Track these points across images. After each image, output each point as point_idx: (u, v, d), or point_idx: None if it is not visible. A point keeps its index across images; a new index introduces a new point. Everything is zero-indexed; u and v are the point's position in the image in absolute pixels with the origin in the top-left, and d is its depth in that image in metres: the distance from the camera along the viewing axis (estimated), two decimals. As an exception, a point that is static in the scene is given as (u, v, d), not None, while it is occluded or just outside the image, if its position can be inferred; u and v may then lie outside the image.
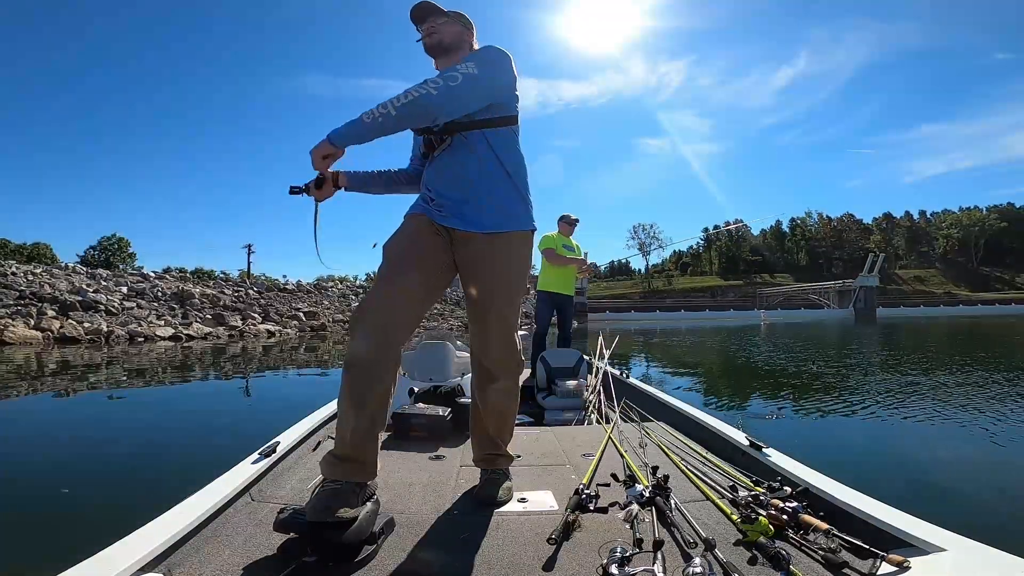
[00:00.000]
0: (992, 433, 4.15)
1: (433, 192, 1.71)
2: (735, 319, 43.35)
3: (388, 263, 1.64)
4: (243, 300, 25.47)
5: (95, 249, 61.69)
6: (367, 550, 1.35)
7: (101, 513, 2.54)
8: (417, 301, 1.62)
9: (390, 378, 1.56)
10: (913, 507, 1.44)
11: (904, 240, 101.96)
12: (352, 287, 39.27)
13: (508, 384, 1.80)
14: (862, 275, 54.29)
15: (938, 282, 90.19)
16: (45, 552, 2.10)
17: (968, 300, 69.61)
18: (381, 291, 1.59)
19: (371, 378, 1.50)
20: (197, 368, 9.96)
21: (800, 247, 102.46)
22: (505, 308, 1.70)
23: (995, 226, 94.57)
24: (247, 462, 1.89)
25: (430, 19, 1.78)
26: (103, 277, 22.78)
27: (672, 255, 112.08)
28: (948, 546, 1.22)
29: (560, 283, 5.00)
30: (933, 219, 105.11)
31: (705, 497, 1.76)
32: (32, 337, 14.89)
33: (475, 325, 1.76)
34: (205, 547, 1.40)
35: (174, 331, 18.46)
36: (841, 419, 4.92)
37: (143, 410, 5.43)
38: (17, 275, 19.65)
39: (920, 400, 5.57)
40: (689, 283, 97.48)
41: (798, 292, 68.97)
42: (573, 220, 5.13)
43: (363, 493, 1.44)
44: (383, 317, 1.52)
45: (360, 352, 1.49)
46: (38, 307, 16.95)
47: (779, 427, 4.65)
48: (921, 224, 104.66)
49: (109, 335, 16.55)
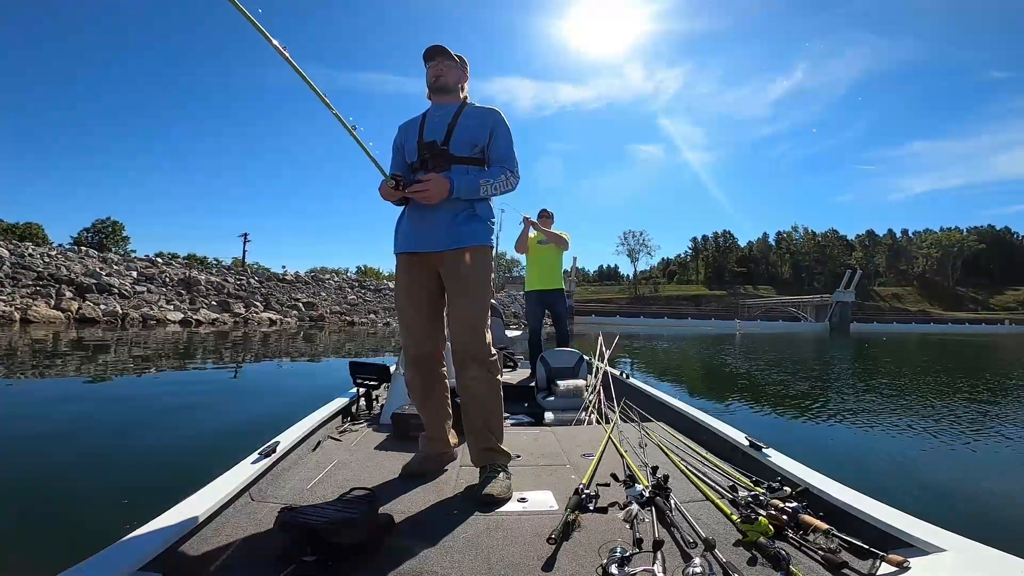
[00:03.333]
0: (991, 433, 4.23)
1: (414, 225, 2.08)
2: (714, 328, 44.36)
3: (398, 311, 2.18)
4: (245, 289, 26.50)
5: (89, 231, 62.03)
6: (367, 550, 1.37)
7: (101, 513, 2.55)
8: (430, 323, 2.11)
9: (435, 378, 2.18)
10: (913, 507, 1.45)
11: (885, 257, 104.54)
12: (348, 280, 40.25)
13: (482, 372, 1.98)
14: (839, 290, 55.99)
15: (914, 300, 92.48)
16: (45, 552, 2.13)
17: (940, 318, 71.94)
18: (404, 334, 2.14)
19: (423, 388, 2.16)
20: (204, 357, 10.11)
21: (785, 260, 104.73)
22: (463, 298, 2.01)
23: (973, 247, 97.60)
24: (247, 462, 1.91)
25: (439, 59, 2.13)
26: (114, 261, 23.71)
27: (660, 262, 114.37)
28: (948, 546, 1.23)
29: (542, 278, 4.82)
30: (914, 238, 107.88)
31: (705, 497, 1.76)
32: (55, 317, 15.96)
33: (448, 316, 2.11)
34: (205, 547, 1.41)
35: (183, 316, 19.54)
36: (841, 419, 4.89)
37: (144, 407, 5.44)
38: (35, 256, 20.55)
39: (920, 402, 5.59)
40: (675, 291, 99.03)
41: (778, 304, 70.76)
42: (539, 213, 4.91)
43: None
44: (412, 351, 2.11)
45: (409, 376, 2.19)
46: (56, 288, 17.96)
47: (779, 427, 4.67)
48: (902, 243, 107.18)
49: (124, 317, 17.65)
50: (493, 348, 2.02)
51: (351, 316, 27.38)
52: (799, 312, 63.47)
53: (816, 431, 4.59)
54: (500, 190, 2.04)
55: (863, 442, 4.26)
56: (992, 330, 54.54)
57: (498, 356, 2.07)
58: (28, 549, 2.18)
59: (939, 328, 56.33)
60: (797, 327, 52.92)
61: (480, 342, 1.95)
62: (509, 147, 2.09)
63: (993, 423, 4.70)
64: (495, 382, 2.01)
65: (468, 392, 2.00)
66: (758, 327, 49.25)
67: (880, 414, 5.11)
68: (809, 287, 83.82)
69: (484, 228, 2.05)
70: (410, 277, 2.07)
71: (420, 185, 1.90)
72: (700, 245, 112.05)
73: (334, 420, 2.91)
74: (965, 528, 1.30)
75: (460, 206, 2.00)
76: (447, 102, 2.14)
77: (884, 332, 47.28)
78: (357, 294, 33.98)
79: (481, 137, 2.05)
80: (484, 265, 2.03)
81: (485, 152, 2.08)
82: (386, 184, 1.95)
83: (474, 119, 2.08)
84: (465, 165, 2.02)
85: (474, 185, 1.96)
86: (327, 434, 2.65)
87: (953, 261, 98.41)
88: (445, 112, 2.10)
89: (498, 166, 2.06)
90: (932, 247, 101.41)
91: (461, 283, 1.98)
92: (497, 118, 2.09)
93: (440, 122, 2.07)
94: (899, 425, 4.62)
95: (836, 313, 54.52)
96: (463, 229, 1.99)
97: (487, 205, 2.10)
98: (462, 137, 2.03)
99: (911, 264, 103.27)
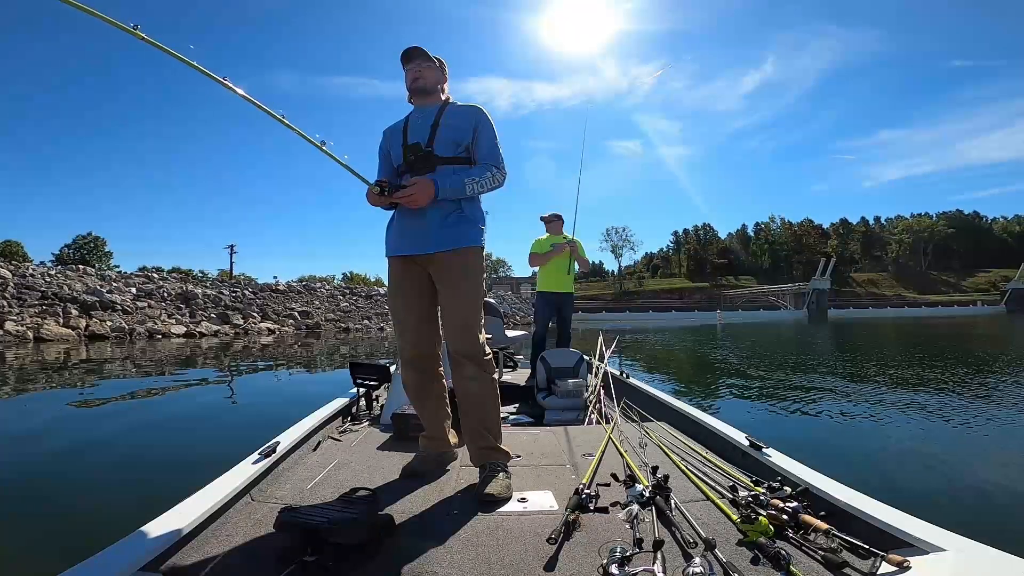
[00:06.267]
0: (992, 434, 4.23)
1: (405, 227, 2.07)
2: (697, 319, 45.19)
3: (392, 314, 2.18)
4: (241, 300, 27.04)
5: (70, 248, 61.25)
6: (367, 550, 1.38)
7: (101, 513, 2.55)
8: (424, 324, 2.12)
9: (432, 379, 2.20)
10: (913, 507, 1.45)
11: (859, 245, 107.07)
12: (339, 288, 40.80)
13: (477, 371, 1.99)
14: (815, 278, 58.12)
15: (889, 285, 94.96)
16: (46, 552, 2.14)
17: (914, 302, 74.25)
18: (398, 337, 2.15)
19: (420, 388, 2.18)
20: (207, 365, 10.40)
21: (764, 251, 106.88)
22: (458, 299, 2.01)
23: (943, 232, 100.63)
24: (247, 462, 1.91)
25: (417, 60, 2.11)
26: (113, 278, 24.15)
27: (643, 257, 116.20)
28: (948, 546, 1.24)
29: (554, 281, 4.92)
30: (887, 225, 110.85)
31: (705, 497, 1.76)
32: (67, 334, 16.54)
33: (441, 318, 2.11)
34: (205, 547, 1.41)
35: (186, 329, 20.16)
36: (841, 419, 4.93)
37: (146, 409, 5.49)
38: (36, 276, 20.99)
39: (920, 401, 5.60)
40: (659, 285, 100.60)
41: (759, 294, 72.92)
42: (549, 217, 5.07)
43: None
44: (407, 352, 2.12)
45: (406, 377, 2.18)
46: (63, 306, 18.48)
47: (779, 427, 4.70)
48: (876, 229, 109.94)
49: (131, 332, 18.24)
50: (488, 347, 2.04)
51: (346, 323, 28.09)
52: (779, 300, 65.42)
53: (816, 431, 4.61)
54: (486, 187, 2.05)
55: (863, 442, 4.24)
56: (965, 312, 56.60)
57: (494, 355, 2.10)
58: (28, 549, 2.20)
59: (913, 312, 58.22)
60: (777, 315, 54.21)
61: (474, 342, 1.98)
62: (493, 143, 2.09)
63: (992, 420, 4.70)
64: (491, 381, 2.03)
65: (464, 392, 2.02)
66: (739, 317, 50.61)
67: (880, 412, 5.14)
68: (788, 276, 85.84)
69: (474, 229, 2.06)
70: (402, 279, 2.09)
71: (405, 191, 1.91)
72: (682, 239, 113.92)
73: (334, 420, 2.94)
74: (965, 528, 1.30)
75: (449, 208, 2.01)
76: (428, 104, 2.14)
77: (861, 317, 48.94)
78: (349, 301, 34.62)
79: (465, 136, 2.06)
80: (475, 266, 2.05)
81: (470, 150, 2.08)
82: (371, 191, 1.96)
83: (457, 118, 2.08)
84: (451, 165, 2.03)
85: (459, 185, 1.97)
86: (327, 434, 2.67)
87: (925, 246, 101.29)
88: (427, 114, 2.10)
89: (483, 164, 2.06)
90: (904, 233, 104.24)
91: (453, 284, 2.00)
92: (480, 115, 2.09)
93: (423, 124, 2.08)
94: (899, 425, 4.60)
95: (813, 300, 56.43)
96: (453, 231, 2.00)
97: (477, 206, 2.11)
98: (446, 137, 2.04)
99: (885, 250, 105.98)
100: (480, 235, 2.09)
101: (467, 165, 2.07)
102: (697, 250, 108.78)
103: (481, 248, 2.10)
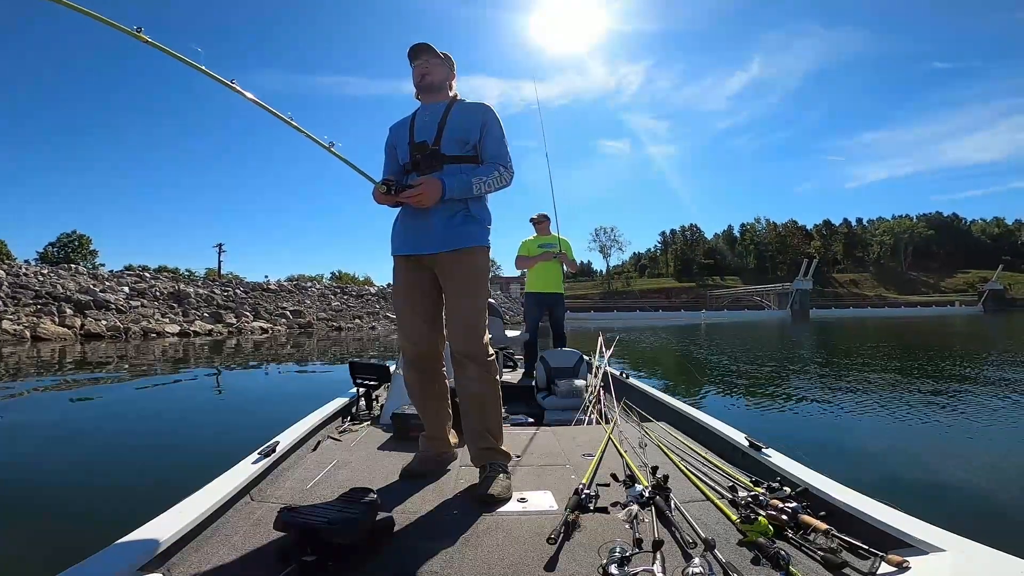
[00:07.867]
0: (991, 434, 4.26)
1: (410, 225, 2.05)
2: (683, 319, 45.98)
3: (396, 313, 2.14)
4: (233, 300, 27.20)
5: (54, 246, 60.47)
6: (367, 550, 1.38)
7: (101, 513, 2.55)
8: (427, 323, 2.08)
9: (434, 379, 2.16)
10: (913, 507, 1.45)
11: (842, 246, 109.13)
12: (329, 287, 40.99)
13: (479, 372, 1.97)
14: (798, 279, 58.92)
15: (870, 285, 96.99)
16: (46, 552, 2.14)
17: (894, 303, 75.89)
18: (401, 336, 2.13)
19: (422, 388, 2.15)
20: (201, 364, 10.40)
21: (749, 251, 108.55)
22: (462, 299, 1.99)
23: (923, 233, 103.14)
24: (247, 462, 1.91)
25: (424, 56, 2.08)
26: (105, 277, 24.24)
27: (631, 257, 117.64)
28: (947, 546, 1.23)
29: (543, 281, 4.94)
30: (868, 226, 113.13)
31: (705, 497, 1.76)
32: (64, 333, 16.69)
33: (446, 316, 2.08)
34: (205, 547, 1.42)
35: (180, 328, 20.35)
36: (840, 419, 4.93)
37: (145, 410, 5.46)
38: (29, 275, 21.06)
39: (920, 401, 5.59)
40: (647, 284, 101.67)
41: (744, 294, 74.07)
42: (538, 218, 5.10)
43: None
44: (410, 352, 2.10)
45: (407, 377, 2.16)
46: (57, 306, 18.60)
47: (779, 427, 4.70)
48: (858, 231, 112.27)
49: (126, 331, 18.42)
50: (491, 348, 2.02)
51: (337, 322, 28.36)
52: (763, 300, 66.38)
53: (816, 431, 4.60)
54: (494, 187, 2.01)
55: (863, 442, 4.24)
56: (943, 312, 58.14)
57: (497, 356, 2.07)
58: (28, 549, 2.19)
59: (893, 312, 59.55)
60: (761, 315, 55.14)
61: (477, 342, 1.95)
62: (501, 142, 2.05)
63: (992, 420, 4.72)
64: (493, 382, 2.01)
65: (466, 392, 2.00)
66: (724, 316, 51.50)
67: (880, 412, 5.14)
68: (773, 276, 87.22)
69: (480, 229, 2.03)
70: (407, 279, 2.08)
71: (413, 190, 1.89)
72: (669, 239, 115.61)
73: (334, 420, 2.96)
74: (965, 528, 1.30)
75: (456, 207, 1.98)
76: (436, 101, 2.11)
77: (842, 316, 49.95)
78: (340, 300, 34.87)
79: (472, 134, 2.02)
80: (481, 266, 2.02)
81: (478, 149, 2.04)
82: (378, 189, 1.94)
83: (464, 116, 2.04)
84: (458, 164, 1.99)
85: (467, 184, 1.93)
86: (327, 434, 2.67)
87: (905, 247, 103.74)
88: (434, 111, 2.07)
89: (491, 163, 2.02)
90: (885, 234, 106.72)
91: (458, 284, 1.98)
92: (488, 113, 2.05)
93: (430, 121, 2.04)
94: (899, 425, 4.61)
95: (796, 300, 57.42)
96: (459, 231, 1.97)
97: (483, 206, 2.08)
98: (453, 135, 2.00)
99: (866, 251, 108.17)
100: (486, 235, 2.07)
101: (474, 164, 2.03)
102: (684, 250, 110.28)
103: (487, 248, 2.08)
